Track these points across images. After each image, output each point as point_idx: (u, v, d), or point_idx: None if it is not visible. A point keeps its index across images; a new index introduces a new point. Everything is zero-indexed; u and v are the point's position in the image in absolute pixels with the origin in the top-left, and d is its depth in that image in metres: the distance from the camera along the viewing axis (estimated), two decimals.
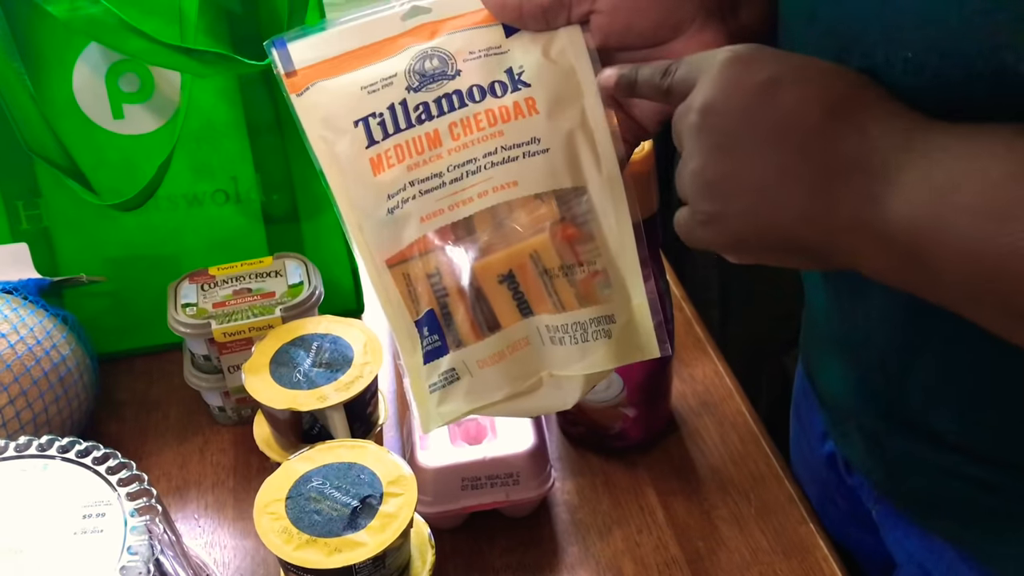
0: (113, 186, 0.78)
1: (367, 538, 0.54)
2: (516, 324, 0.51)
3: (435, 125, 0.51)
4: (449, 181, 0.51)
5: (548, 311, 0.51)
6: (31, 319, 0.71)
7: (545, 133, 0.51)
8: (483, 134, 0.51)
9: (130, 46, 0.70)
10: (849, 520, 0.69)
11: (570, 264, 0.51)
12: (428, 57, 0.52)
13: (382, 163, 0.51)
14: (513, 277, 0.51)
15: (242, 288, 0.76)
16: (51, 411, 0.70)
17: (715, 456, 0.74)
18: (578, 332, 0.51)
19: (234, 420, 0.78)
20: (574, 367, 0.52)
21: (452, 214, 0.51)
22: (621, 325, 0.52)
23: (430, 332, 0.52)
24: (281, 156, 0.81)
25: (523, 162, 0.51)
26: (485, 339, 0.51)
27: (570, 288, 0.51)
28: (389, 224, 0.51)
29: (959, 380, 0.52)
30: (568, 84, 0.52)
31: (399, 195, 0.51)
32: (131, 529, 0.52)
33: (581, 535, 0.68)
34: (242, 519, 0.70)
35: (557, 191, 0.51)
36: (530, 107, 0.51)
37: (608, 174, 0.52)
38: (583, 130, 0.51)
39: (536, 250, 0.51)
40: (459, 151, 0.51)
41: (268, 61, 0.73)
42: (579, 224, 0.51)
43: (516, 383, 0.52)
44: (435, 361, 0.52)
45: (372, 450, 0.59)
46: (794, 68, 0.44)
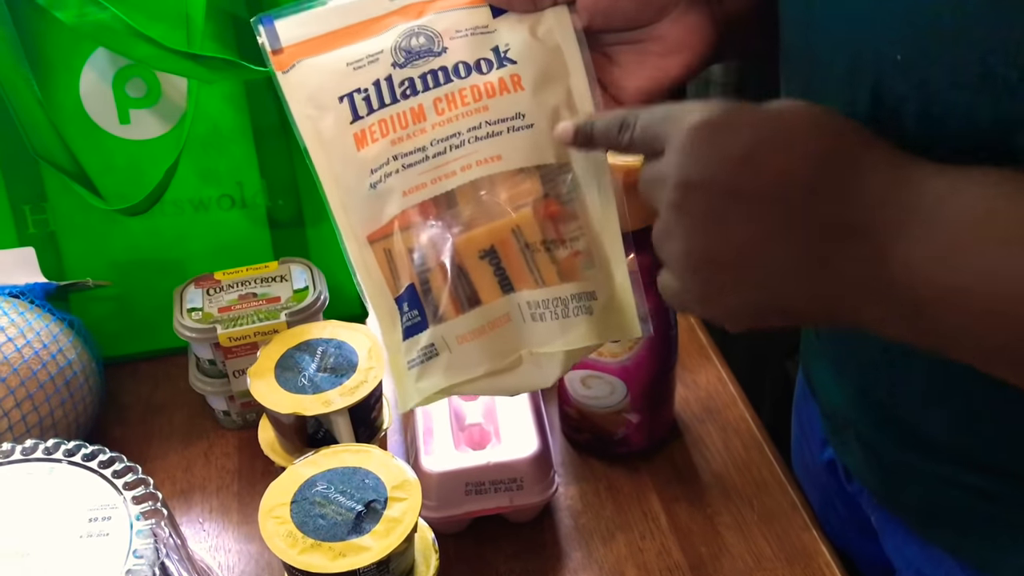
0: (119, 191, 0.78)
1: (372, 543, 0.55)
2: (497, 300, 0.51)
3: (419, 100, 0.51)
4: (432, 155, 0.51)
5: (529, 287, 0.51)
6: (37, 323, 0.72)
7: (530, 109, 0.51)
8: (467, 109, 0.51)
9: (137, 52, 0.71)
10: (849, 526, 0.69)
11: (552, 240, 0.51)
12: (415, 35, 0.52)
13: (366, 138, 0.51)
14: (495, 252, 0.51)
15: (247, 293, 0.76)
16: (57, 415, 0.70)
17: (718, 462, 0.74)
18: (559, 308, 0.51)
19: (239, 424, 0.78)
20: (555, 343, 0.51)
21: (435, 187, 0.51)
22: (603, 303, 0.52)
23: (410, 308, 0.51)
24: (287, 161, 0.81)
25: (507, 136, 0.51)
26: (465, 314, 0.51)
27: (551, 264, 0.51)
28: (372, 199, 0.51)
29: (953, 389, 0.53)
30: (554, 62, 0.52)
31: (382, 169, 0.51)
32: (137, 533, 0.52)
33: (584, 540, 0.68)
34: (246, 523, 0.71)
35: (541, 168, 0.51)
36: (515, 83, 0.51)
37: (593, 153, 0.51)
38: (568, 108, 0.51)
39: (519, 225, 0.51)
40: (443, 125, 0.51)
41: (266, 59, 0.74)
42: (563, 202, 0.51)
43: (496, 360, 0.52)
44: (414, 337, 0.51)
45: (377, 455, 0.60)
46: (771, 130, 0.41)
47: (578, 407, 0.73)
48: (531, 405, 0.70)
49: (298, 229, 0.83)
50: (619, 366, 0.69)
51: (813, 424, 0.72)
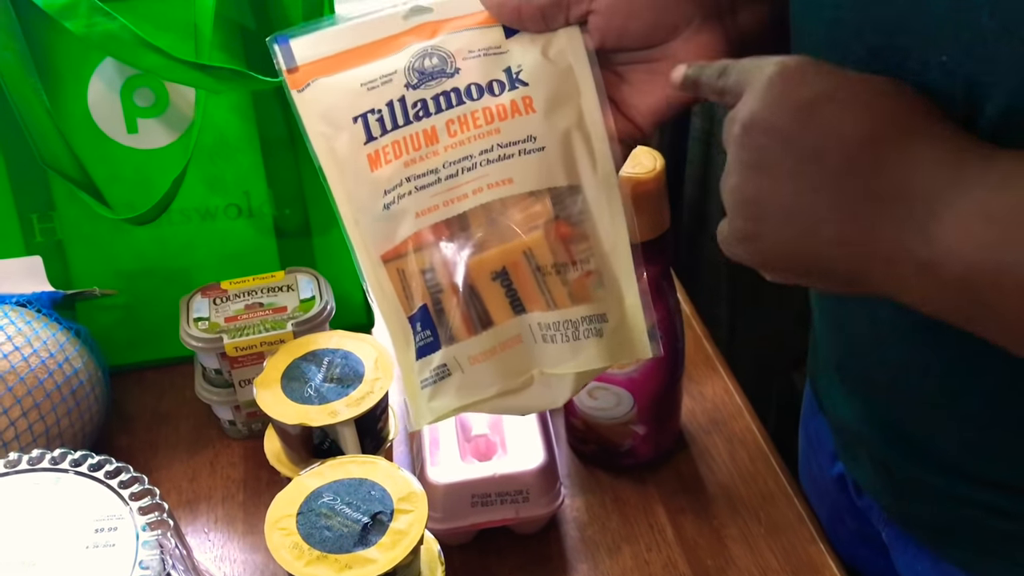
0: (127, 200, 0.78)
1: (378, 555, 0.54)
2: (509, 321, 0.52)
3: (432, 122, 0.52)
4: (445, 177, 0.51)
5: (540, 309, 0.51)
6: (44, 332, 0.72)
7: (541, 131, 0.51)
8: (480, 131, 0.51)
9: (146, 62, 0.71)
10: (858, 540, 0.69)
11: (563, 263, 0.51)
12: (428, 55, 0.52)
13: (379, 159, 0.52)
14: (506, 274, 0.51)
15: (254, 302, 0.76)
16: (63, 424, 0.70)
17: (724, 474, 0.74)
18: (569, 330, 0.51)
19: (244, 434, 0.78)
20: (565, 365, 0.52)
21: (447, 210, 0.51)
22: (613, 324, 0.52)
23: (423, 328, 0.52)
24: (294, 171, 0.81)
25: (519, 160, 0.51)
26: (477, 335, 0.51)
27: (563, 286, 0.51)
28: (385, 219, 0.52)
29: (966, 406, 0.52)
30: (566, 83, 0.52)
31: (395, 191, 0.51)
32: (143, 543, 0.52)
33: (590, 552, 0.68)
34: (252, 533, 0.71)
35: (552, 190, 0.51)
36: (527, 105, 0.52)
37: (603, 174, 0.52)
38: (579, 129, 0.52)
39: (530, 247, 0.51)
40: (455, 148, 0.51)
41: (282, 78, 0.74)
42: (573, 223, 0.52)
43: (507, 380, 0.52)
44: (427, 357, 0.52)
45: (383, 466, 0.59)
46: (842, 86, 0.42)
47: (584, 418, 0.73)
48: (537, 417, 0.70)
49: (305, 239, 0.83)
50: (626, 377, 0.69)
51: (822, 438, 0.72)
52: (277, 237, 0.83)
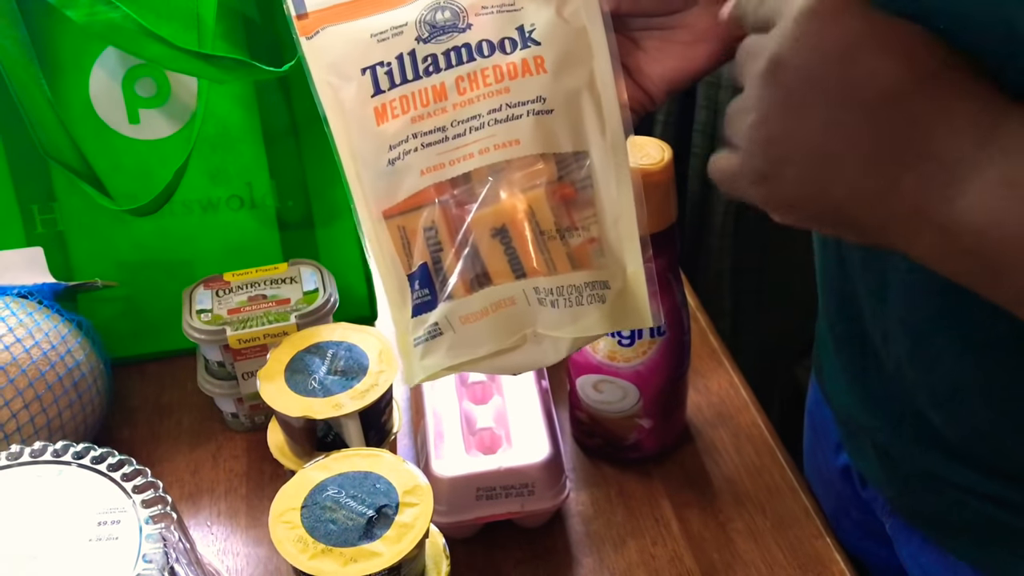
0: (128, 191, 0.77)
1: (383, 548, 0.54)
2: (507, 283, 0.50)
3: (442, 78, 0.51)
4: (452, 136, 0.50)
5: (541, 272, 0.50)
6: (46, 324, 0.71)
7: (551, 93, 0.50)
8: (489, 90, 0.50)
9: (148, 51, 0.70)
10: (863, 532, 0.69)
11: (566, 227, 0.50)
12: (440, 8, 0.52)
13: (386, 113, 0.51)
14: (506, 232, 0.50)
15: (257, 294, 0.76)
16: (65, 416, 0.70)
17: (730, 468, 0.73)
18: (572, 295, 0.50)
19: (247, 427, 0.78)
20: (565, 330, 0.51)
21: (453, 168, 0.50)
22: (616, 291, 0.51)
23: (421, 286, 0.51)
24: (296, 162, 0.81)
25: (527, 120, 0.50)
26: (471, 295, 0.50)
27: (563, 250, 0.50)
28: (389, 175, 0.51)
29: (973, 394, 0.52)
30: (579, 45, 0.51)
31: (400, 147, 0.51)
32: (146, 536, 0.52)
33: (595, 546, 0.68)
34: (255, 527, 0.70)
35: (558, 154, 0.50)
36: (538, 65, 0.51)
37: (612, 139, 0.51)
38: (590, 92, 0.51)
39: (531, 206, 0.50)
40: (464, 106, 0.50)
41: (285, 68, 0.74)
42: (578, 188, 0.51)
43: (500, 340, 0.51)
44: (423, 315, 0.51)
45: (388, 459, 0.59)
46: (880, 32, 0.40)
47: (590, 412, 0.72)
48: (542, 409, 0.69)
49: (308, 230, 0.83)
50: (631, 371, 0.69)
51: (827, 429, 0.71)
52: (280, 229, 0.83)
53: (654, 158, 0.63)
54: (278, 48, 0.77)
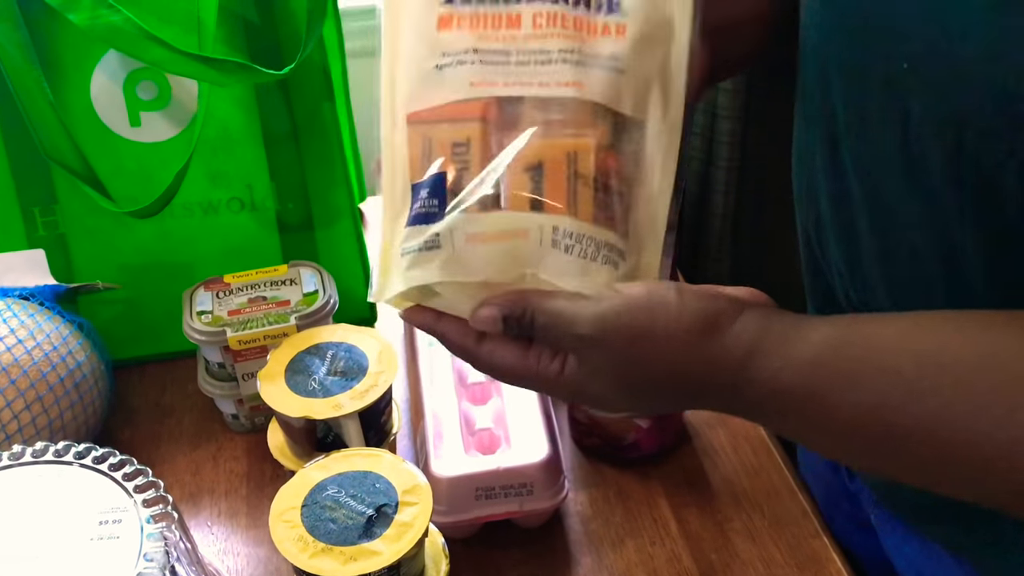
0: (129, 193, 0.78)
1: (382, 547, 0.54)
2: (524, 213, 0.48)
3: (520, 9, 0.49)
4: (515, 63, 0.49)
5: (564, 213, 0.48)
6: (47, 325, 0.72)
7: (626, 57, 0.49)
8: (566, 32, 0.49)
9: (150, 55, 0.71)
10: (853, 525, 0.69)
11: (602, 182, 0.49)
12: None
13: (452, 22, 0.49)
14: (540, 169, 0.48)
15: (257, 296, 0.76)
16: (66, 417, 0.70)
17: (728, 468, 0.74)
18: (590, 248, 0.48)
19: (247, 428, 0.78)
20: (570, 280, 0.48)
21: (507, 89, 0.49)
22: (628, 268, 0.49)
23: (430, 195, 0.49)
24: (296, 165, 0.81)
25: (596, 71, 0.49)
26: (486, 214, 0.48)
27: (591, 201, 0.48)
28: (433, 77, 0.49)
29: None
30: (662, 27, 0.50)
31: (457, 56, 0.49)
32: (147, 536, 0.52)
33: (594, 546, 0.68)
34: (255, 527, 0.70)
35: (617, 116, 0.49)
36: (619, 31, 0.49)
37: (672, 121, 0.50)
38: (661, 72, 0.50)
39: (576, 151, 0.48)
40: (535, 39, 0.49)
41: (286, 70, 0.74)
42: (624, 160, 0.49)
43: (498, 271, 0.49)
44: (422, 225, 0.49)
45: (387, 459, 0.59)
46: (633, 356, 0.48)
47: (588, 412, 0.72)
48: (541, 410, 0.70)
49: (307, 232, 0.83)
50: None
51: None
52: (280, 231, 0.83)
53: None
54: (278, 51, 0.77)
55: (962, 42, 0.42)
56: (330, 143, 0.81)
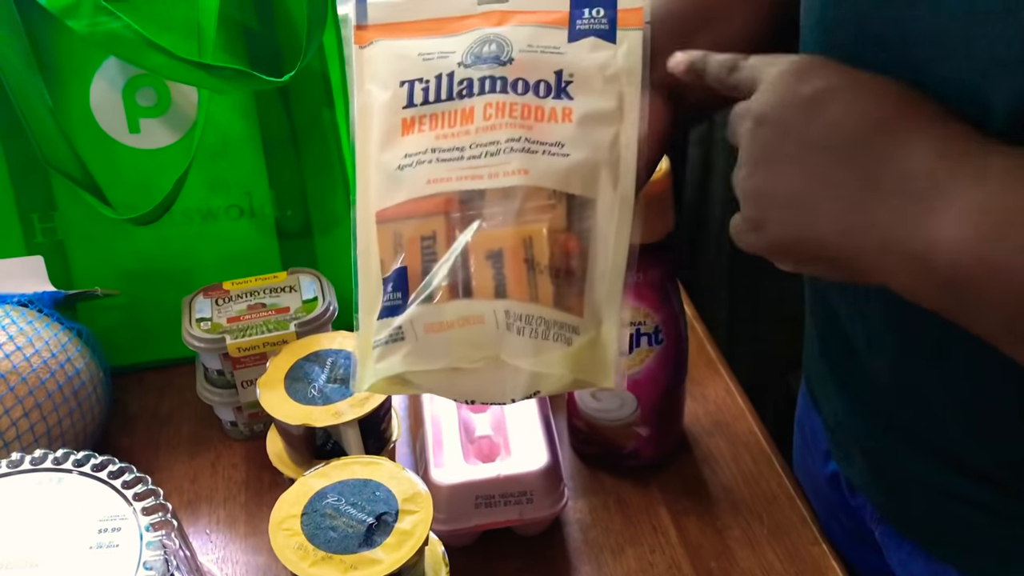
0: (129, 200, 0.78)
1: (383, 555, 0.54)
2: (481, 300, 0.50)
3: (472, 102, 0.52)
4: (467, 157, 0.52)
5: (520, 299, 0.50)
6: (46, 332, 0.72)
7: (572, 141, 0.51)
8: (513, 121, 0.52)
9: (150, 61, 0.71)
10: (852, 539, 0.69)
11: (558, 267, 0.50)
12: (488, 42, 0.54)
13: (413, 126, 0.53)
14: (501, 256, 0.50)
15: (256, 303, 0.76)
16: (65, 424, 0.70)
17: (727, 476, 0.74)
18: (540, 327, 0.50)
19: (246, 435, 0.78)
20: (525, 360, 0.50)
21: (459, 184, 0.51)
22: (584, 341, 0.50)
23: (394, 289, 0.51)
24: (296, 172, 0.81)
25: (541, 157, 0.51)
26: (443, 304, 0.50)
27: (550, 288, 0.50)
28: (395, 179, 0.52)
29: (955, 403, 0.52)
30: (611, 107, 0.52)
31: (416, 156, 0.52)
32: (147, 544, 0.52)
33: (594, 554, 0.68)
34: (254, 535, 0.70)
35: (569, 200, 0.51)
36: (566, 116, 0.52)
37: (622, 195, 0.52)
38: (611, 150, 0.52)
39: (531, 236, 0.50)
40: (486, 131, 0.52)
41: (285, 78, 0.74)
42: (579, 238, 0.51)
43: (460, 357, 0.50)
44: (389, 319, 0.51)
45: (387, 467, 0.59)
46: (847, 82, 0.44)
47: (587, 420, 0.72)
48: (540, 417, 0.69)
49: (307, 239, 0.83)
50: (630, 379, 0.69)
51: (816, 437, 0.72)
52: (279, 238, 0.83)
53: None
54: (278, 58, 0.77)
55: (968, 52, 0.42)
56: (329, 150, 0.81)
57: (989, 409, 0.51)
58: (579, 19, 0.54)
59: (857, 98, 0.43)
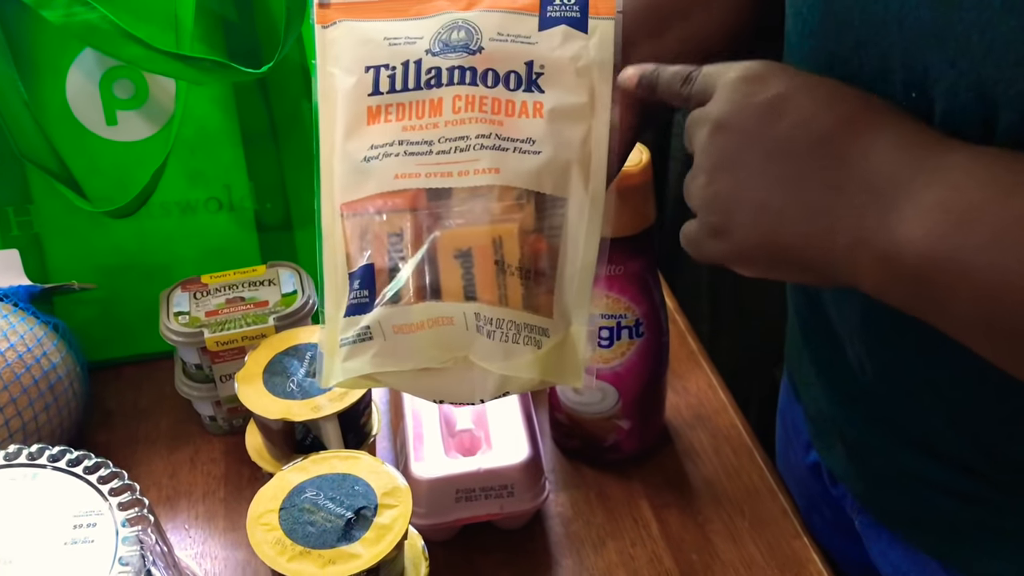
0: (106, 193, 0.77)
1: (361, 550, 0.54)
2: (452, 303, 0.49)
3: (441, 93, 0.51)
4: (436, 152, 0.51)
5: (490, 301, 0.49)
6: (21, 326, 0.71)
7: (542, 137, 0.51)
8: (483, 116, 0.51)
9: (126, 53, 0.70)
10: (834, 530, 0.69)
11: (528, 268, 0.50)
12: (457, 28, 0.52)
13: (379, 115, 0.51)
14: (470, 256, 0.50)
15: (235, 297, 0.76)
16: (41, 419, 0.69)
17: (709, 469, 0.73)
18: (510, 331, 0.50)
19: (225, 430, 0.77)
20: (494, 363, 0.50)
21: (428, 181, 0.50)
22: (553, 343, 0.50)
23: (361, 286, 0.50)
24: (275, 164, 0.81)
25: (512, 155, 0.50)
26: (413, 305, 0.49)
27: (519, 289, 0.50)
28: (361, 171, 0.51)
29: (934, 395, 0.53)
30: (582, 101, 0.51)
31: (383, 148, 0.51)
32: (123, 540, 0.51)
33: (575, 548, 0.68)
34: (233, 530, 0.70)
35: (539, 198, 0.50)
36: (536, 110, 0.51)
37: (592, 195, 0.51)
38: (582, 147, 0.51)
39: (501, 236, 0.50)
40: (455, 125, 0.51)
41: (264, 69, 0.73)
42: (548, 237, 0.51)
43: (429, 358, 0.50)
44: (355, 316, 0.50)
45: (366, 461, 0.59)
46: (802, 85, 0.44)
47: (569, 413, 0.72)
48: (522, 411, 0.69)
49: (286, 233, 0.83)
50: (611, 372, 0.69)
51: (798, 427, 0.72)
52: (258, 231, 0.82)
53: (632, 160, 0.63)
54: (256, 50, 0.77)
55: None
56: (309, 142, 0.80)
57: (970, 399, 0.51)
58: (549, 5, 0.53)
59: (814, 101, 0.43)
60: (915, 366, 0.53)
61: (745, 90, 0.44)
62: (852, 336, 0.56)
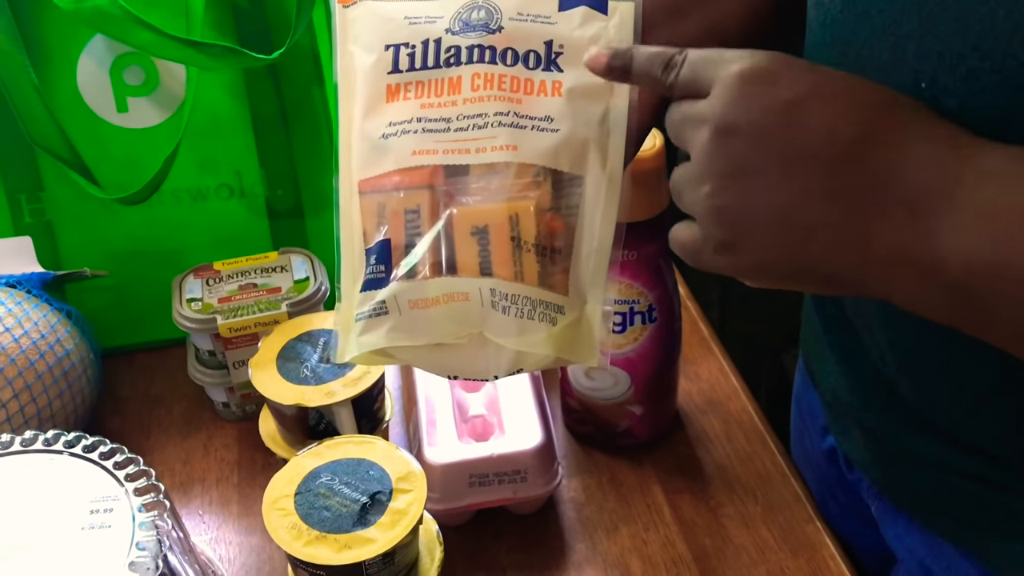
0: (117, 180, 0.77)
1: (377, 534, 0.54)
2: (467, 277, 0.49)
3: (460, 71, 0.51)
4: (454, 129, 0.51)
5: (505, 277, 0.49)
6: (35, 313, 0.71)
7: (560, 115, 0.51)
8: (502, 94, 0.51)
9: (137, 39, 0.70)
10: (849, 514, 0.69)
11: (545, 246, 0.50)
12: (477, 8, 0.52)
13: (398, 93, 0.52)
14: (486, 233, 0.50)
15: (248, 283, 0.76)
16: (55, 406, 0.69)
17: (721, 454, 0.74)
18: (525, 307, 0.49)
19: (238, 416, 0.78)
20: (509, 339, 0.50)
21: (445, 158, 0.50)
22: (568, 321, 0.50)
23: (377, 261, 0.50)
24: (286, 151, 0.81)
25: (529, 133, 0.50)
26: (429, 280, 0.49)
27: (535, 266, 0.50)
28: (379, 148, 0.51)
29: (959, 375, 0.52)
30: (601, 83, 0.51)
31: (401, 125, 0.51)
32: (139, 525, 0.52)
33: (588, 533, 0.68)
34: (247, 515, 0.70)
35: (555, 176, 0.50)
36: (555, 89, 0.51)
37: (610, 174, 0.51)
38: (600, 126, 0.51)
39: (518, 214, 0.49)
40: (473, 103, 0.51)
41: (275, 55, 0.73)
42: (565, 215, 0.51)
43: (444, 333, 0.50)
44: (371, 291, 0.50)
45: (381, 446, 0.59)
46: (819, 84, 0.40)
47: (581, 399, 0.72)
48: (534, 396, 0.69)
49: (297, 219, 0.83)
50: (623, 357, 0.69)
51: (814, 413, 0.72)
52: (269, 218, 0.82)
53: (646, 145, 0.63)
54: (267, 35, 0.77)
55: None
56: (320, 129, 0.80)
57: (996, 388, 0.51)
58: None
59: (837, 101, 0.39)
60: (939, 356, 0.52)
61: (753, 89, 0.40)
62: (872, 327, 0.56)
